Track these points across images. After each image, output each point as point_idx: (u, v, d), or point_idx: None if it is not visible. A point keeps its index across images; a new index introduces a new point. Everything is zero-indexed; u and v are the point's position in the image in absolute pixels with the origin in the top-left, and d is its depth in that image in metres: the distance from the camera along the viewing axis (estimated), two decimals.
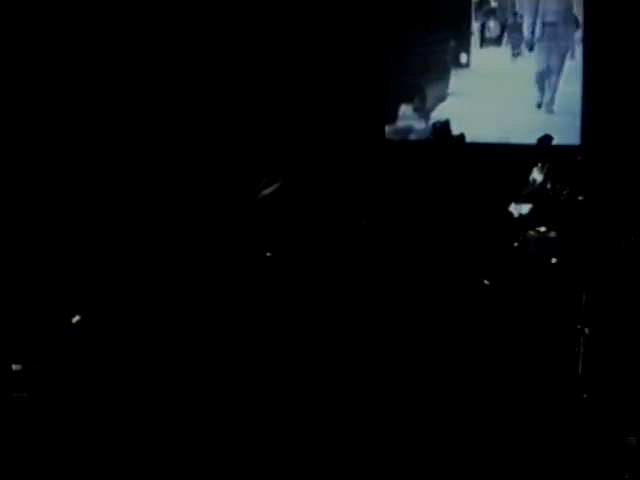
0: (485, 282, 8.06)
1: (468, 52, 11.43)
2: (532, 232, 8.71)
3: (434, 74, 11.45)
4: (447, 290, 7.80)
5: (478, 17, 11.45)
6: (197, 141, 10.23)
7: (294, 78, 10.96)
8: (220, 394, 6.42)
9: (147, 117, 10.34)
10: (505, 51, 11.38)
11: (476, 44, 11.43)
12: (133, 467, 5.50)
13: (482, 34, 11.43)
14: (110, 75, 10.34)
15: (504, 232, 8.62)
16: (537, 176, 9.35)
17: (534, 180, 9.36)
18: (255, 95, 10.75)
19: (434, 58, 11.43)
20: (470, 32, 11.43)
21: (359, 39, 11.17)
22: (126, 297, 7.70)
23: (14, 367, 6.43)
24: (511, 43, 11.36)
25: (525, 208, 9.03)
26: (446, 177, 8.46)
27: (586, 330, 7.09)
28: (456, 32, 11.43)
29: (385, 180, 9.33)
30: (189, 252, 8.17)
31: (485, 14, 11.45)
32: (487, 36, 11.44)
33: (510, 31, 11.37)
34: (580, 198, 8.62)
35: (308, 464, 5.59)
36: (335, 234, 8.42)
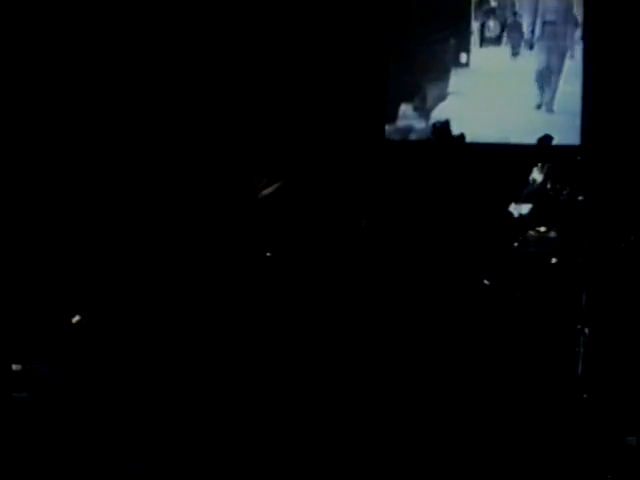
0: (485, 282, 8.06)
1: (468, 51, 11.41)
2: (532, 232, 8.71)
3: (434, 73, 11.44)
4: (447, 290, 7.79)
5: (478, 16, 11.43)
6: (197, 141, 10.23)
7: (294, 78, 10.95)
8: (220, 394, 6.41)
9: (147, 117, 10.34)
10: (505, 50, 11.37)
11: (476, 43, 11.41)
12: (133, 467, 5.50)
13: (482, 33, 11.42)
14: (110, 75, 10.34)
15: (504, 232, 8.61)
16: (537, 176, 9.35)
17: (534, 180, 9.35)
18: (255, 95, 10.75)
19: (434, 57, 11.41)
20: (470, 31, 11.41)
21: (359, 39, 11.15)
22: (126, 297, 7.70)
23: (14, 367, 6.43)
24: (511, 42, 11.35)
25: (525, 208, 9.02)
26: (446, 177, 8.45)
27: (586, 330, 7.09)
28: (456, 31, 11.42)
29: (385, 180, 9.32)
30: (189, 252, 8.17)
31: (485, 13, 11.44)
32: (487, 35, 11.42)
33: (510, 30, 11.36)
34: (580, 198, 8.61)
35: (308, 464, 5.59)
36: (335, 234, 8.41)
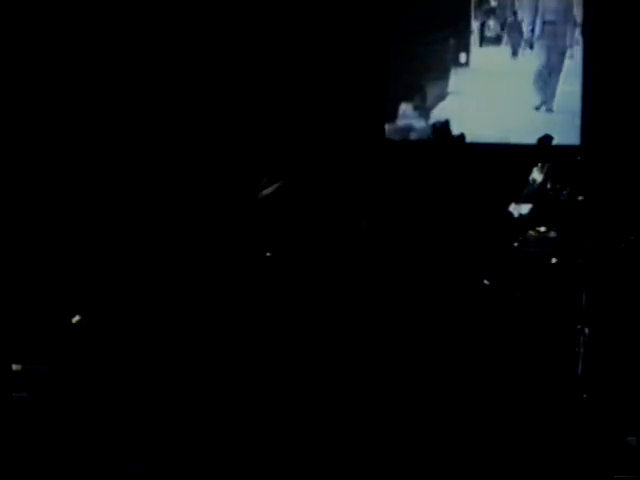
0: (485, 282, 8.05)
1: (468, 51, 11.42)
2: (532, 232, 8.71)
3: (434, 73, 11.44)
4: (447, 290, 7.79)
5: (478, 16, 11.43)
6: (197, 141, 10.23)
7: (294, 78, 10.95)
8: (220, 394, 6.41)
9: (147, 117, 10.34)
10: (505, 50, 11.37)
11: (476, 43, 11.42)
12: (133, 467, 5.50)
13: (482, 33, 11.42)
14: (110, 75, 10.34)
15: (504, 232, 8.61)
16: (537, 176, 9.35)
17: (534, 180, 9.36)
18: (255, 95, 10.75)
19: (434, 57, 11.42)
20: (470, 31, 11.41)
21: (359, 38, 11.15)
22: (126, 297, 7.70)
23: (14, 367, 6.43)
24: (511, 42, 11.35)
25: (525, 208, 9.02)
26: (446, 177, 8.45)
27: (586, 330, 7.09)
28: (456, 31, 11.42)
29: (385, 180, 9.32)
30: (189, 252, 8.16)
31: (485, 13, 11.44)
32: (487, 35, 11.42)
33: (510, 30, 11.36)
34: (580, 198, 8.61)
35: (308, 464, 5.59)
36: (335, 234, 8.40)
